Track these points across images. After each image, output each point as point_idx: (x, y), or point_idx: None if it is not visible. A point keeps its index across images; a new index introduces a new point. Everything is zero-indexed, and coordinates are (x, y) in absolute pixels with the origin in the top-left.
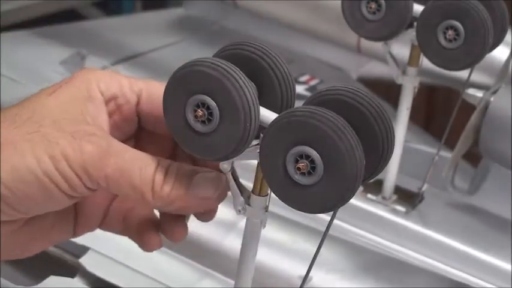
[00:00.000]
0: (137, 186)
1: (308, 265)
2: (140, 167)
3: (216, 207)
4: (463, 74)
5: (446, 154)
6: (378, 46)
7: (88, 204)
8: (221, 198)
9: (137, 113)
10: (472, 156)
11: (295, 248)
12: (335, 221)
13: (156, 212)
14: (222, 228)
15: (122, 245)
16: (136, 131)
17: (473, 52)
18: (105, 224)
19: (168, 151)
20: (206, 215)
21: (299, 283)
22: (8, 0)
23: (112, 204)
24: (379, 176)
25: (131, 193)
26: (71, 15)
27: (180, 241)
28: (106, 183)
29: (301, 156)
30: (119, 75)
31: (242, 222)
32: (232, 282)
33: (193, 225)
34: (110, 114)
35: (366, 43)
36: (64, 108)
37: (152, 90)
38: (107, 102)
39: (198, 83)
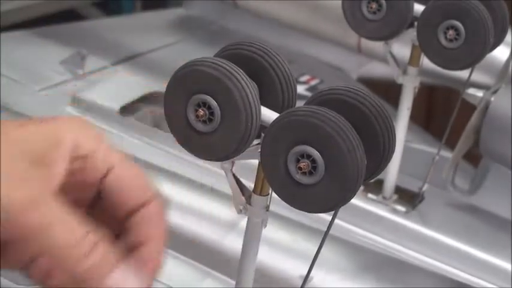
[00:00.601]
0: (61, 246)
1: (309, 265)
2: (68, 229)
3: None
4: (463, 73)
5: (446, 154)
6: (378, 46)
7: None
8: None
9: (98, 186)
10: (472, 156)
11: (295, 247)
12: (336, 221)
13: None
14: (222, 228)
15: None
16: (92, 199)
17: (473, 52)
18: None
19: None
20: None
21: (300, 283)
22: (8, 0)
23: None
24: (380, 176)
25: (53, 251)
26: (71, 15)
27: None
28: (22, 236)
29: (302, 156)
30: (100, 136)
31: (243, 222)
32: (233, 282)
33: (194, 225)
34: (72, 173)
35: (366, 43)
36: (24, 145)
37: (123, 173)
38: (74, 159)
39: (199, 83)
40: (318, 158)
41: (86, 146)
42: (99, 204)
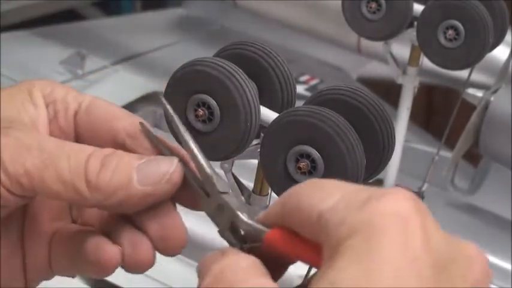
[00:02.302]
0: (67, 178)
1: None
2: (68, 154)
3: (190, 196)
4: (463, 73)
5: (446, 154)
6: (378, 46)
7: (32, 235)
8: (176, 183)
9: (75, 125)
10: (472, 156)
11: None
12: None
13: None
14: None
15: None
16: None
17: (473, 52)
18: (54, 262)
19: None
20: (171, 243)
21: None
22: (8, 0)
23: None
24: (379, 176)
25: (61, 190)
26: (71, 15)
27: (144, 268)
28: (29, 182)
29: (301, 156)
30: (67, 86)
31: None
32: None
33: (194, 224)
34: (49, 121)
35: (366, 43)
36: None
37: (96, 103)
38: (46, 106)
39: (199, 83)
40: (317, 157)
41: (54, 92)
42: None
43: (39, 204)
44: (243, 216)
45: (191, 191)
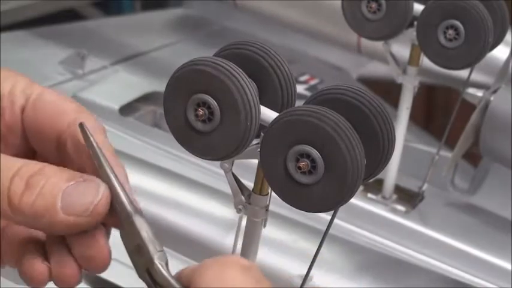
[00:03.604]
0: None
1: (308, 264)
2: None
3: (105, 249)
4: (463, 73)
5: (446, 154)
6: (378, 46)
7: None
8: (100, 215)
9: (22, 122)
10: (472, 156)
11: (295, 247)
12: (335, 221)
13: None
14: (222, 228)
15: (122, 245)
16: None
17: (473, 52)
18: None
19: None
20: (94, 263)
21: (299, 283)
22: (8, 0)
23: None
24: (380, 176)
25: None
26: (71, 15)
27: (71, 284)
28: None
29: (301, 155)
30: (20, 75)
31: (243, 222)
32: None
33: (194, 224)
34: None
35: (366, 43)
36: None
37: (43, 98)
38: None
39: (199, 82)
40: (317, 157)
41: (4, 84)
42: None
43: None
44: (160, 267)
45: (116, 215)
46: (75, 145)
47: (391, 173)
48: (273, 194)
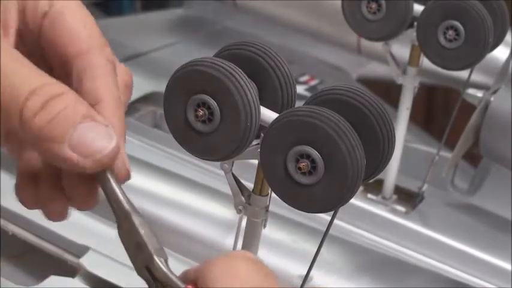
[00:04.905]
0: (5, 105)
1: (308, 265)
2: (14, 81)
3: (94, 194)
4: (463, 74)
5: (446, 154)
6: (378, 46)
7: None
8: (105, 163)
9: (40, 31)
10: (472, 156)
11: (295, 247)
12: (335, 221)
13: None
14: (222, 228)
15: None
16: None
17: (473, 52)
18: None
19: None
20: (83, 198)
21: (299, 283)
22: None
23: None
24: (380, 176)
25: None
26: None
27: (87, 208)
28: None
29: (301, 156)
30: None
31: (243, 222)
32: None
33: (194, 225)
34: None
35: (366, 43)
36: None
37: (63, 16)
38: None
39: (199, 83)
40: (317, 158)
41: None
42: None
43: None
44: (160, 263)
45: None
46: (79, 79)
47: (391, 174)
48: (273, 194)
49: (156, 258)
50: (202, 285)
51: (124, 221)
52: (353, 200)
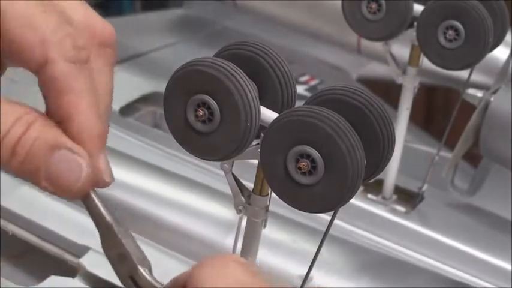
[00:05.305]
0: None
1: (308, 265)
2: None
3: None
4: (463, 74)
5: (446, 154)
6: (378, 46)
7: None
8: (81, 192)
9: None
10: (472, 156)
11: (295, 247)
12: (335, 221)
13: None
14: (222, 228)
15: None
16: None
17: (473, 52)
18: None
19: None
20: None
21: (299, 283)
22: None
23: None
24: (380, 176)
25: None
26: None
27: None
28: None
29: (301, 156)
30: None
31: (243, 222)
32: None
33: (194, 225)
34: None
35: (366, 43)
36: None
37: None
38: None
39: (199, 83)
40: (317, 158)
41: None
42: None
43: None
44: (144, 273)
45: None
46: (43, 94)
47: (391, 174)
48: (273, 194)
49: (140, 268)
50: (191, 285)
51: (106, 233)
52: (353, 200)
